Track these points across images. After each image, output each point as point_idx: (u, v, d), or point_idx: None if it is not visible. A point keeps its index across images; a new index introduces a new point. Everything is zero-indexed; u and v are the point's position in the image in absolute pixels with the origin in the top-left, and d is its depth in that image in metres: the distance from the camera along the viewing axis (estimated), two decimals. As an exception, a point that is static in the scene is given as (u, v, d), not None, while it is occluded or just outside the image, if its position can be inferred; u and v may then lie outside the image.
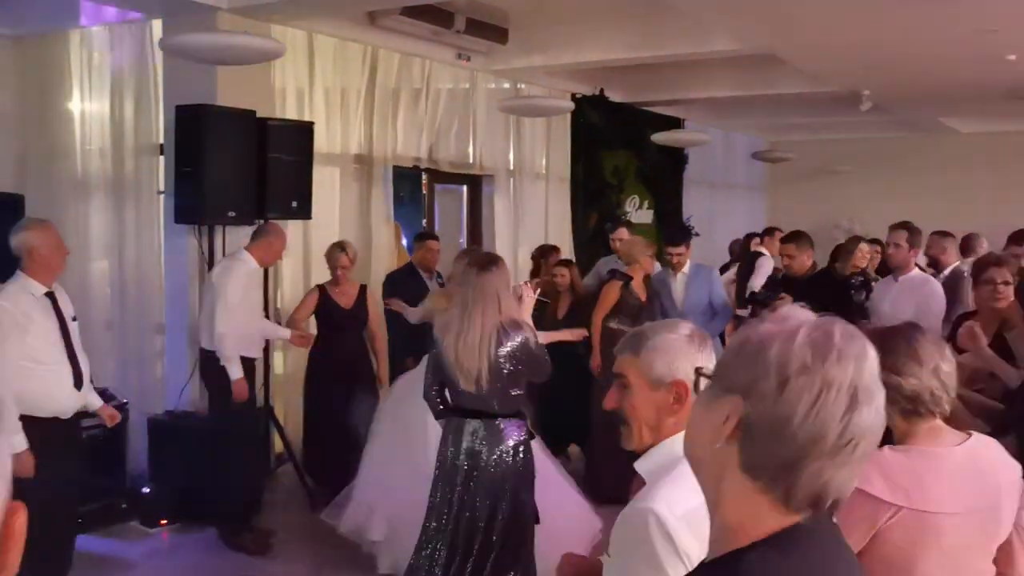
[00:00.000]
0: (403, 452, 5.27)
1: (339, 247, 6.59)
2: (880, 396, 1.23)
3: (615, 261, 7.53)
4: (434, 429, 4.57)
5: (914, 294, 5.92)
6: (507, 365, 4.12)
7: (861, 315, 6.82)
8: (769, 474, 1.21)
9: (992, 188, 12.65)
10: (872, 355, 1.23)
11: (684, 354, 2.00)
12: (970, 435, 2.28)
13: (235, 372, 5.58)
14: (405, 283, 7.03)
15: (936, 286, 5.97)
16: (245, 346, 5.72)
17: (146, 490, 6.07)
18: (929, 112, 11.65)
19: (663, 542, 1.80)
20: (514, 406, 4.28)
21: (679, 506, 1.79)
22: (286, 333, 6.27)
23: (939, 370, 2.22)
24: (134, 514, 6.06)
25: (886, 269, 7.67)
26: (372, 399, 6.31)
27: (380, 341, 6.67)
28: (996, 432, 3.08)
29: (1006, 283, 4.49)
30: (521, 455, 4.25)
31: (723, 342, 7.14)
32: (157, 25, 6.66)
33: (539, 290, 5.57)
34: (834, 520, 1.29)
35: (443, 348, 4.20)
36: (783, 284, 6.82)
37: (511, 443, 4.22)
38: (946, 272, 6.92)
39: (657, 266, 7.47)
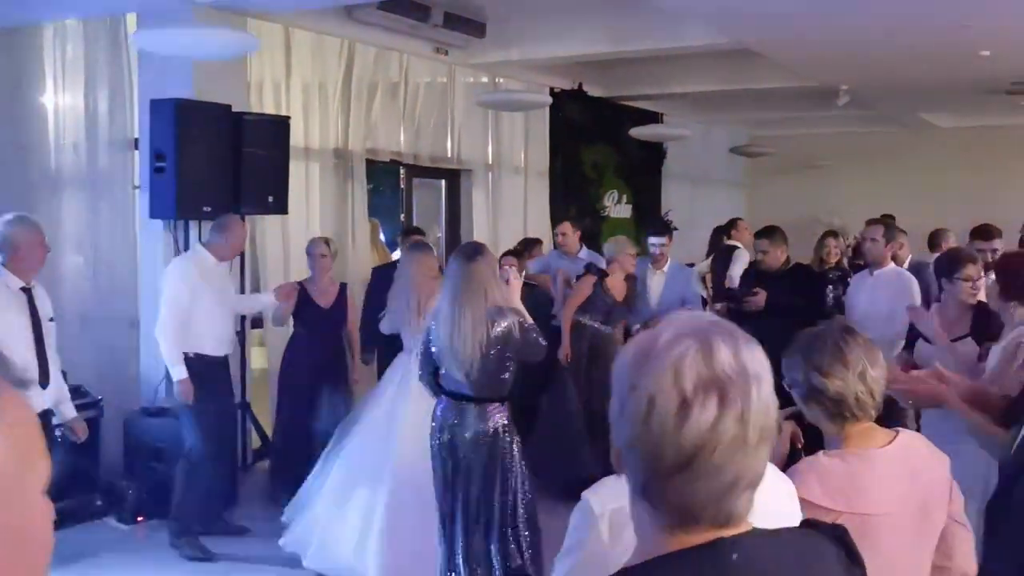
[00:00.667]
0: (368, 470, 5.22)
1: (322, 240, 6.45)
2: (739, 389, 1.14)
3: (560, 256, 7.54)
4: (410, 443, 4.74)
5: (889, 289, 5.96)
6: (494, 351, 4.27)
7: (837, 309, 6.87)
8: (644, 492, 1.18)
9: (971, 182, 12.73)
10: (714, 347, 1.15)
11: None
12: (898, 432, 2.29)
13: (178, 373, 5.41)
14: (391, 279, 7.01)
15: (911, 281, 6.00)
16: (206, 344, 5.57)
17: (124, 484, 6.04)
18: (908, 107, 11.71)
19: (581, 528, 1.73)
20: (500, 391, 4.43)
21: (613, 502, 1.69)
22: (266, 298, 6.09)
23: (866, 374, 2.19)
24: (110, 510, 6.03)
25: (856, 264, 7.74)
26: (345, 403, 6.21)
27: (355, 343, 6.49)
28: (1003, 422, 3.10)
29: (980, 278, 4.60)
30: (506, 437, 4.40)
31: None
32: (132, 19, 6.61)
33: (524, 272, 5.62)
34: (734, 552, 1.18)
35: (436, 338, 4.33)
36: (756, 279, 6.82)
37: (494, 424, 4.38)
38: (904, 267, 6.93)
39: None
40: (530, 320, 4.42)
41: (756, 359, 1.18)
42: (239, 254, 6.06)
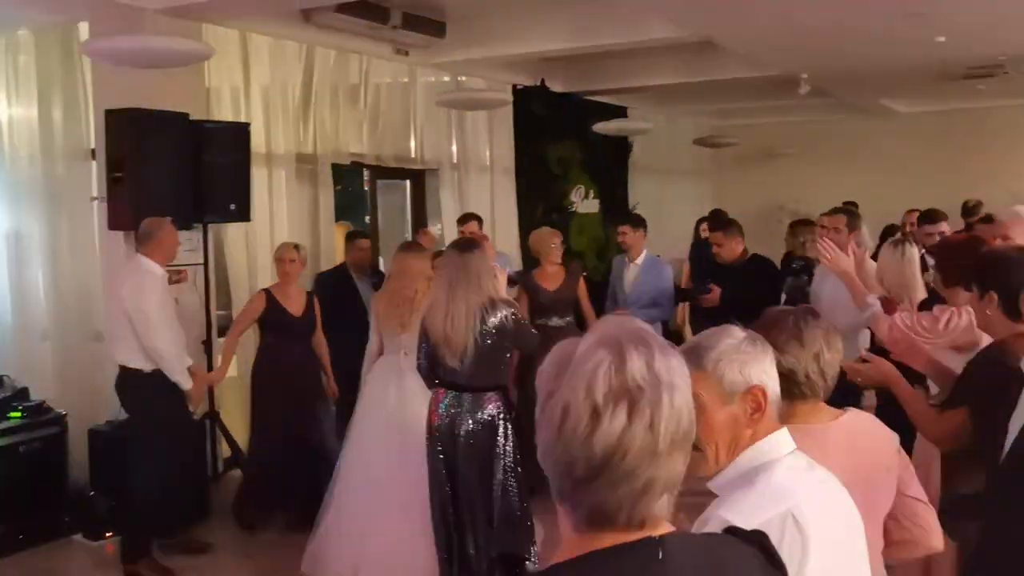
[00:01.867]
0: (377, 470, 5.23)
1: (291, 246, 6.32)
2: (649, 397, 1.18)
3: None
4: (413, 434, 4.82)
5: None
6: (488, 340, 4.44)
7: (803, 299, 6.89)
8: (561, 496, 1.23)
9: (932, 166, 12.85)
10: (627, 356, 1.19)
11: (752, 358, 1.90)
12: (846, 410, 2.34)
13: (185, 383, 5.41)
14: (336, 284, 6.97)
15: (872, 268, 6.03)
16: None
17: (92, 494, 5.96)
18: (868, 93, 11.80)
19: None
20: (496, 380, 4.60)
21: (751, 518, 1.69)
22: (186, 383, 5.49)
23: (820, 356, 2.24)
24: (77, 527, 5.95)
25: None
26: (324, 413, 6.17)
27: (325, 349, 6.38)
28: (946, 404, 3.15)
29: None
30: (500, 424, 4.54)
31: (665, 332, 7.20)
32: (84, 28, 6.52)
33: (506, 269, 5.67)
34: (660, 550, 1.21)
35: (430, 327, 4.50)
36: (713, 272, 6.83)
37: (489, 413, 4.53)
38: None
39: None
40: (521, 312, 4.60)
41: (671, 368, 1.23)
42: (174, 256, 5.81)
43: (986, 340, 3.81)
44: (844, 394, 2.59)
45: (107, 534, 5.88)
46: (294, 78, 7.73)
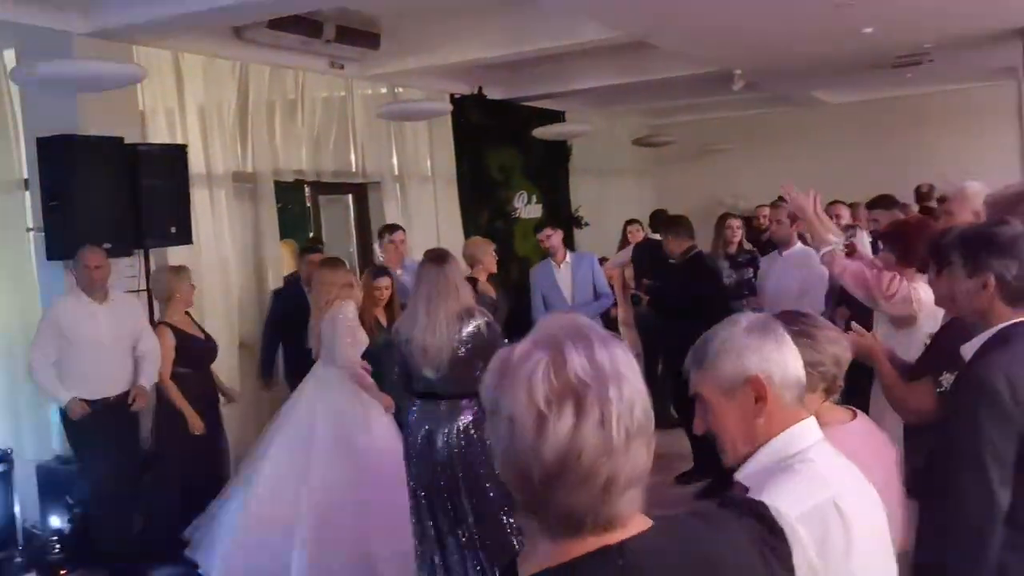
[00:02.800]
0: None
1: (182, 271, 6.06)
2: (595, 391, 1.15)
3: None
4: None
5: (799, 269, 6.08)
6: (464, 349, 4.51)
7: (750, 291, 6.99)
8: (525, 509, 1.20)
9: (866, 154, 13.09)
10: (565, 354, 1.16)
11: (750, 348, 1.84)
12: (856, 413, 2.33)
13: (62, 396, 5.40)
14: (293, 299, 6.96)
15: (818, 259, 6.12)
16: (88, 386, 5.44)
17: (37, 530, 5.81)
18: (799, 86, 11.99)
19: None
20: (470, 387, 4.51)
21: (798, 506, 1.69)
22: (63, 398, 5.46)
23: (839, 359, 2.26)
24: (32, 566, 5.78)
25: (759, 243, 7.88)
26: (220, 427, 6.19)
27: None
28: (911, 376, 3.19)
29: None
30: (475, 432, 4.57)
31: (604, 324, 7.26)
32: (10, 55, 6.37)
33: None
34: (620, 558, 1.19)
35: (410, 341, 4.55)
36: (659, 269, 6.89)
37: (465, 421, 4.58)
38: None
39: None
40: (492, 322, 4.67)
41: (615, 358, 1.19)
42: (105, 280, 5.68)
43: (924, 317, 3.91)
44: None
45: (62, 572, 5.73)
46: (229, 96, 7.64)
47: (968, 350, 2.64)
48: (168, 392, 5.80)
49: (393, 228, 7.57)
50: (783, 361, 1.84)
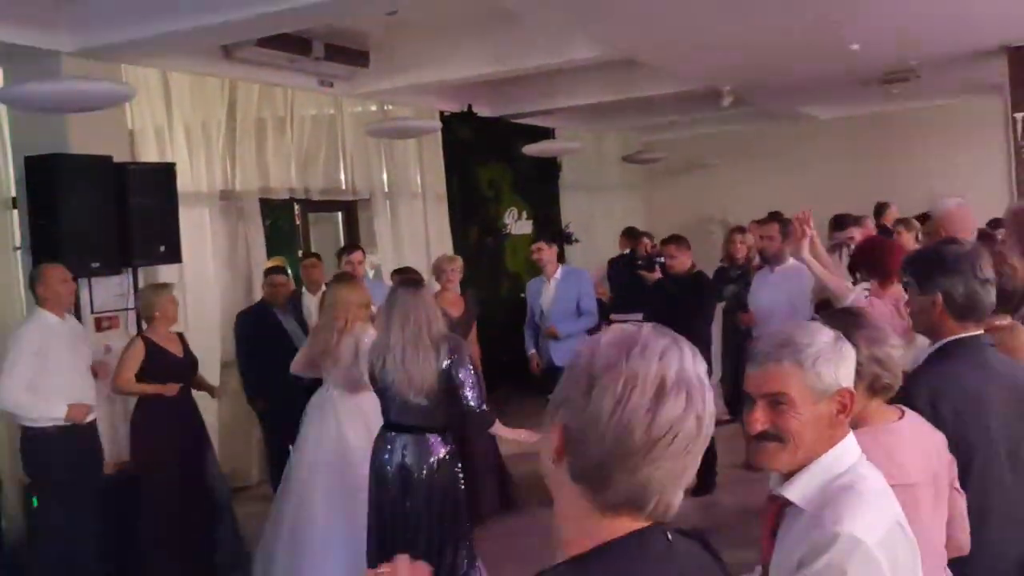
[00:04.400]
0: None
1: (163, 288, 5.87)
2: (699, 393, 1.24)
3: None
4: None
5: (789, 284, 6.08)
6: (441, 380, 4.37)
7: (740, 307, 7.00)
8: (588, 476, 1.24)
9: (853, 169, 13.13)
10: (684, 351, 1.25)
11: (844, 359, 1.89)
12: (903, 411, 2.34)
13: (57, 411, 5.13)
14: (258, 321, 6.86)
15: (809, 275, 6.13)
16: (62, 407, 5.21)
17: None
18: (788, 102, 12.04)
19: (864, 570, 1.68)
20: (445, 420, 4.52)
21: (875, 531, 1.70)
22: (60, 412, 5.22)
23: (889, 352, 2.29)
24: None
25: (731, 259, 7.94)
26: (215, 460, 6.00)
27: (204, 383, 6.13)
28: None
29: None
30: (447, 467, 4.48)
31: None
32: (-2, 73, 6.36)
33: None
34: (668, 535, 1.28)
35: (387, 368, 4.40)
36: (665, 281, 6.90)
37: (438, 456, 4.46)
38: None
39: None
40: (467, 347, 4.62)
41: (704, 370, 1.29)
42: (72, 295, 5.50)
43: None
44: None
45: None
46: (218, 114, 7.64)
47: (911, 364, 2.78)
48: (126, 388, 5.65)
49: (351, 248, 7.37)
50: (850, 377, 1.90)
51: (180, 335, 5.93)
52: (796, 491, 1.87)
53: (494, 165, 10.85)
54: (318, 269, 7.37)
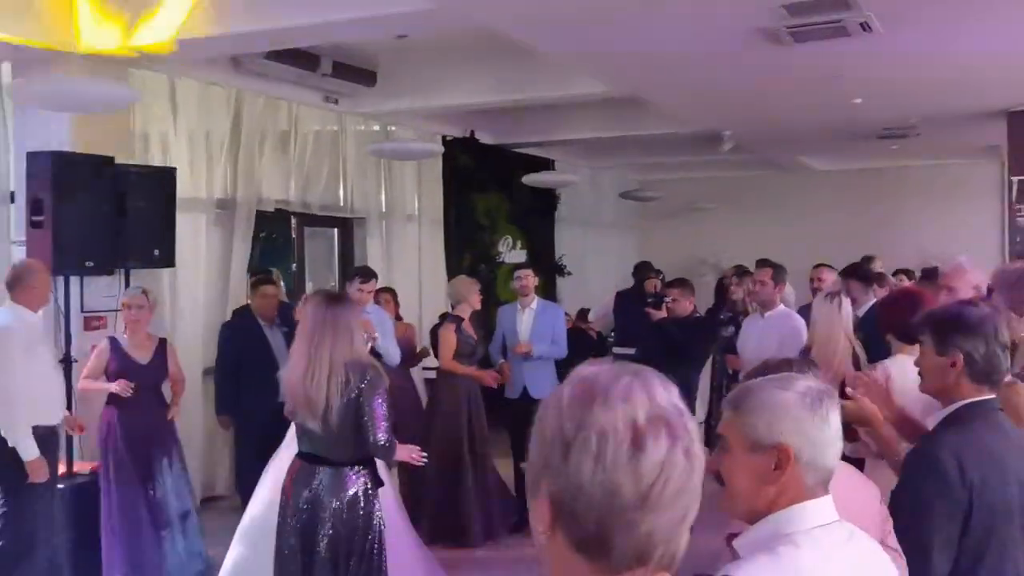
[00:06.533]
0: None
1: (139, 290, 5.76)
2: (679, 424, 1.16)
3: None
4: None
5: (780, 330, 6.10)
6: (352, 407, 3.96)
7: (729, 350, 7.03)
8: (587, 545, 1.16)
9: (846, 222, 13.24)
10: (650, 383, 1.18)
11: (791, 416, 1.76)
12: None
13: (29, 451, 4.84)
14: (242, 332, 6.74)
15: (799, 322, 6.15)
16: (39, 413, 5.05)
17: None
18: (787, 151, 12.15)
19: None
20: (361, 452, 4.09)
21: None
22: (25, 451, 4.92)
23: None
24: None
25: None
26: (180, 471, 5.76)
27: (179, 386, 5.89)
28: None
29: None
30: (362, 504, 4.09)
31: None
32: (7, 69, 6.37)
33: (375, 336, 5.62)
34: None
35: (288, 386, 4.05)
36: (667, 323, 6.92)
37: (352, 491, 4.07)
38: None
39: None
40: (385, 377, 4.12)
41: (680, 398, 1.21)
42: (48, 290, 5.32)
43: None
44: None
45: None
46: (222, 123, 7.66)
47: (931, 423, 2.73)
48: (82, 387, 5.61)
49: (366, 276, 6.78)
50: (821, 443, 1.78)
51: (162, 341, 5.85)
52: (743, 538, 1.83)
53: (492, 193, 10.90)
54: (272, 300, 6.91)
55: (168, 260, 6.49)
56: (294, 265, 9.22)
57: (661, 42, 6.22)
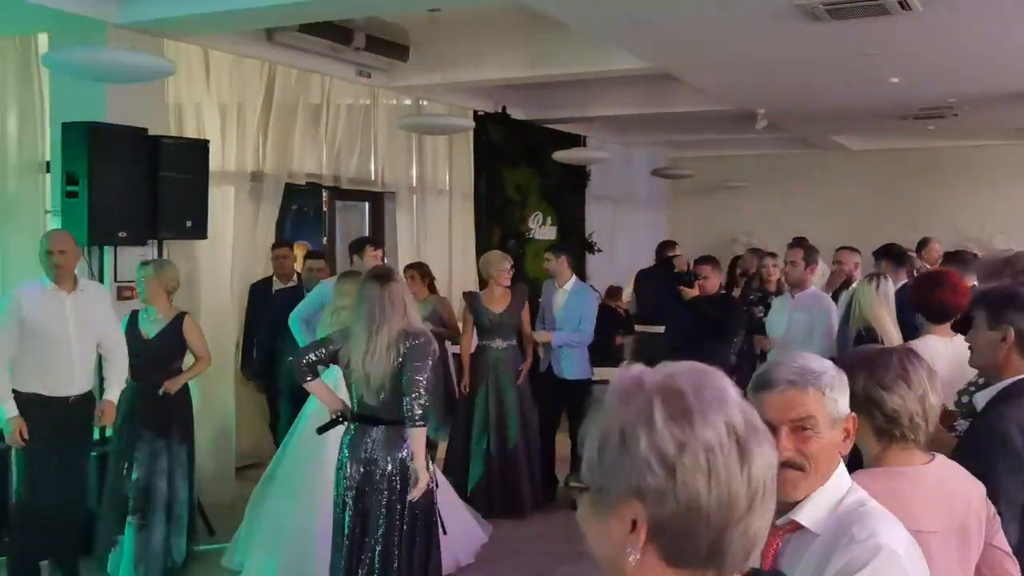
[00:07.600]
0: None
1: (150, 266, 5.65)
2: (757, 419, 1.17)
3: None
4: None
5: (809, 311, 6.08)
6: (399, 369, 4.22)
7: (759, 330, 7.00)
8: (700, 558, 1.14)
9: (880, 203, 13.11)
10: (729, 389, 1.17)
11: (846, 388, 1.99)
12: (934, 456, 2.28)
13: (7, 409, 4.90)
14: (257, 293, 7.39)
15: (829, 303, 6.13)
16: (47, 381, 5.06)
17: None
18: (821, 130, 12.02)
19: None
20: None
21: (903, 543, 1.77)
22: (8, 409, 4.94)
23: (926, 398, 2.21)
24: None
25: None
26: (181, 455, 5.58)
27: (199, 364, 5.74)
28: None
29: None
30: (409, 465, 4.30)
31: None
32: (44, 39, 6.43)
33: None
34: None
35: (351, 365, 4.30)
36: (697, 299, 6.88)
37: (403, 454, 4.31)
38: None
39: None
40: (433, 345, 4.39)
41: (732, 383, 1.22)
42: (70, 267, 5.20)
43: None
44: None
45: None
46: (255, 96, 7.68)
47: (981, 399, 2.83)
48: None
49: (376, 243, 7.21)
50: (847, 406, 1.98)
51: (179, 316, 5.61)
52: (807, 517, 1.87)
53: (523, 168, 10.87)
54: (285, 260, 7.55)
55: (200, 232, 6.55)
56: (324, 239, 9.27)
57: (695, 17, 6.16)
